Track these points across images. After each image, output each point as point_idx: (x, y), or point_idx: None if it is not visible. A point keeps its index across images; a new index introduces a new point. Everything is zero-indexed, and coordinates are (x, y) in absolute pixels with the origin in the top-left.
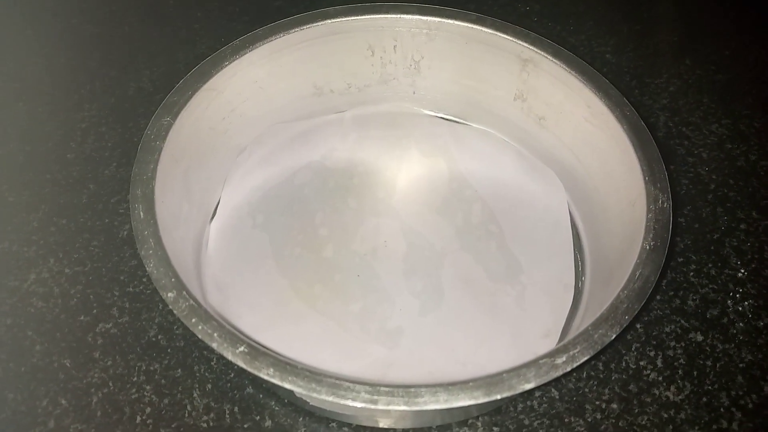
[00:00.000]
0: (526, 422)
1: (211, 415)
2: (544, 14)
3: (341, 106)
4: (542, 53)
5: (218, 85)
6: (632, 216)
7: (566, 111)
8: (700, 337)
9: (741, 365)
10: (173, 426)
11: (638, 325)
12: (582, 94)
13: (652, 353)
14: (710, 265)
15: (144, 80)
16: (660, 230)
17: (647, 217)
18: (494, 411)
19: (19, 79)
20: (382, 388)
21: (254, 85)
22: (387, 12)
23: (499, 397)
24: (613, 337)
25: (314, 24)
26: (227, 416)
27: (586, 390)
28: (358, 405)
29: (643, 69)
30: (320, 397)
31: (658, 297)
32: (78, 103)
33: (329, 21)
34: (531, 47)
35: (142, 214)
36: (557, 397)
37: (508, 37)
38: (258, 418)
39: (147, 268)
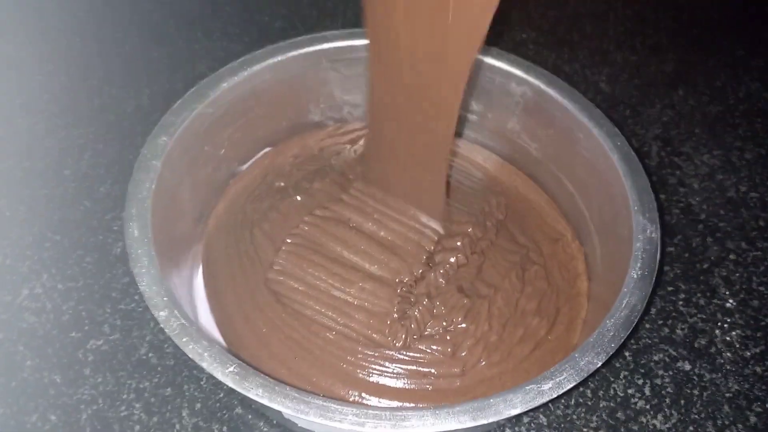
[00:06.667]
0: None
1: None
2: (540, 42)
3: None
4: (536, 82)
5: (215, 106)
6: (622, 243)
7: (560, 138)
8: (687, 366)
9: (728, 395)
10: None
11: (627, 353)
12: (575, 123)
13: (640, 381)
14: (699, 295)
15: (143, 99)
16: (648, 259)
17: (635, 246)
18: None
19: (20, 95)
20: (370, 411)
21: (250, 107)
22: None
23: (485, 422)
24: (599, 365)
25: (313, 47)
26: None
27: (574, 417)
28: (346, 427)
29: (637, 98)
30: (308, 419)
31: (647, 325)
32: (77, 120)
33: (327, 45)
34: (525, 75)
35: (136, 232)
36: (545, 423)
37: (504, 66)
38: None
39: (140, 287)
